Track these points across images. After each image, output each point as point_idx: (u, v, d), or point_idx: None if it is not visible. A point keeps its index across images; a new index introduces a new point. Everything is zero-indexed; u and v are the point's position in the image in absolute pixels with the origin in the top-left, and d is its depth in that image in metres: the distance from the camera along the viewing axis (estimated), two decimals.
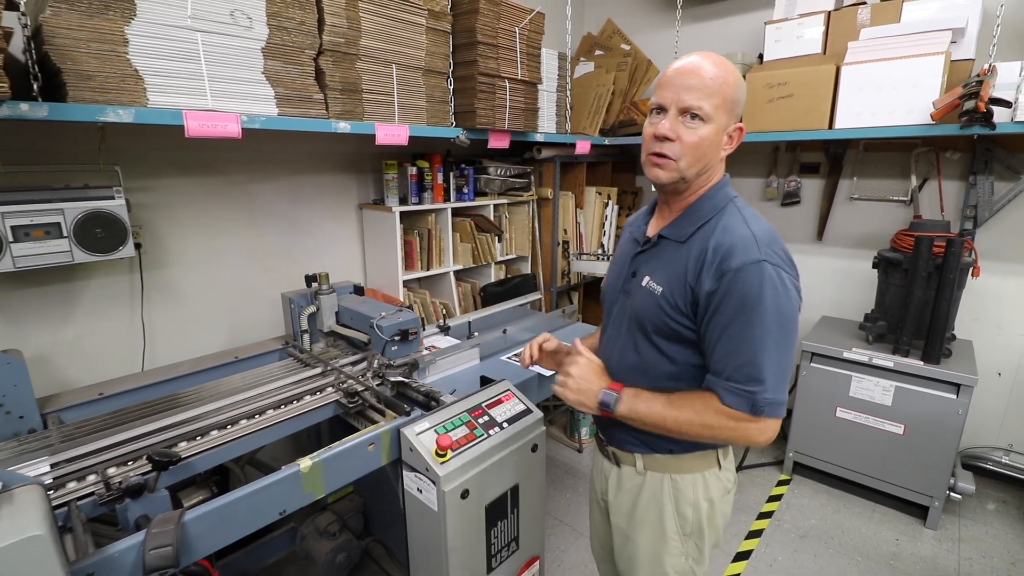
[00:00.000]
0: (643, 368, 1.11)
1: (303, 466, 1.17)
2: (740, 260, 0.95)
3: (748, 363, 0.95)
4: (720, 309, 0.97)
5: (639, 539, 1.21)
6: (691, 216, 1.07)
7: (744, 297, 0.94)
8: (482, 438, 1.37)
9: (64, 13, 1.27)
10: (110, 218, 1.61)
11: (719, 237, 1.00)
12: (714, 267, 0.97)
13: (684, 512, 1.16)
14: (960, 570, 2.17)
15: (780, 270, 0.96)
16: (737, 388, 0.96)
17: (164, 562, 0.94)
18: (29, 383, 1.42)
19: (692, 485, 1.14)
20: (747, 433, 0.98)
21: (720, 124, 0.99)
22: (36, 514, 0.78)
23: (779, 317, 0.94)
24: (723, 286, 0.96)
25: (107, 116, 1.35)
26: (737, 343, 0.96)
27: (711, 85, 0.97)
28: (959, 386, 2.23)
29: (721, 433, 0.99)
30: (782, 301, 0.94)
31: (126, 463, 1.19)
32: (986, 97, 1.95)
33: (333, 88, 1.80)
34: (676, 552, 1.18)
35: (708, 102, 0.97)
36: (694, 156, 1.00)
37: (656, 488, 1.16)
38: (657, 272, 1.08)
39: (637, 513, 1.20)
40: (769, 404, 0.95)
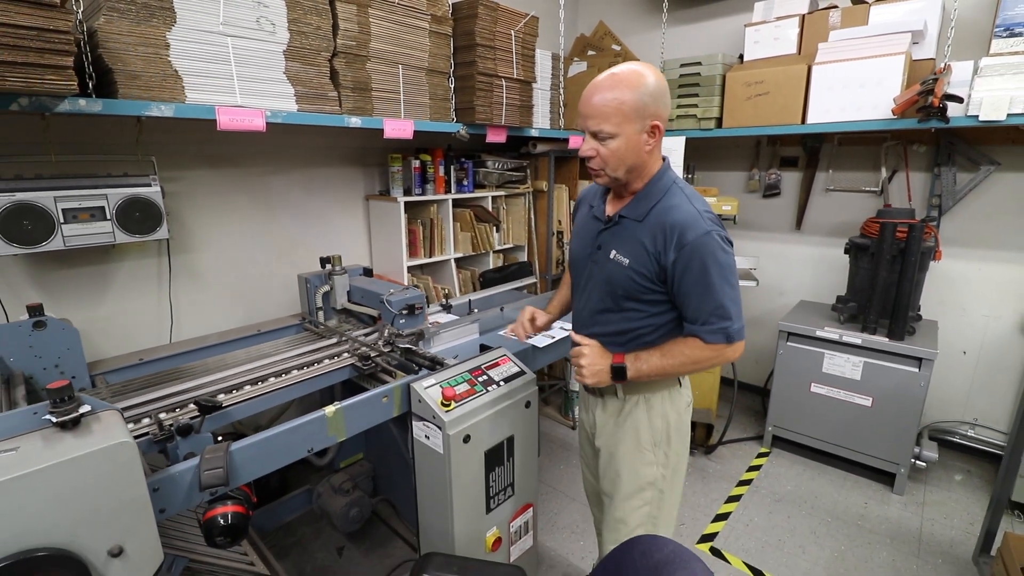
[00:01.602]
0: (632, 330, 1.37)
1: (328, 411, 1.35)
2: (695, 233, 1.21)
3: (716, 307, 1.23)
4: (686, 273, 1.24)
5: (620, 452, 1.47)
6: (643, 199, 1.31)
7: (702, 262, 1.22)
8: (481, 393, 1.55)
9: (116, 20, 1.46)
10: (147, 203, 1.80)
11: (673, 216, 1.24)
12: (674, 242, 1.23)
13: (655, 423, 1.43)
14: (923, 529, 2.36)
15: (720, 234, 1.24)
16: (713, 328, 1.24)
17: (216, 480, 1.13)
18: (81, 348, 1.61)
19: (660, 400, 1.43)
20: (726, 356, 1.27)
21: (629, 132, 1.21)
22: (122, 428, 0.97)
23: (726, 268, 1.23)
24: (683, 256, 1.23)
25: (151, 111, 1.54)
26: (704, 296, 1.24)
27: (604, 110, 1.19)
28: (921, 360, 2.42)
29: (708, 363, 1.28)
30: (725, 257, 1.23)
31: (173, 410, 1.38)
32: (940, 93, 2.14)
33: (346, 87, 1.99)
34: (650, 461, 1.45)
35: (607, 124, 1.20)
36: (616, 162, 1.25)
37: (632, 408, 1.44)
38: (622, 247, 1.33)
39: (619, 430, 1.47)
40: (737, 331, 1.25)
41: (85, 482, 0.90)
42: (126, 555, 0.95)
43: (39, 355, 1.54)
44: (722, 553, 2.21)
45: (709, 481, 2.70)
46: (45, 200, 1.61)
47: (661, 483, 1.46)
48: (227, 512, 1.16)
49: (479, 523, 1.59)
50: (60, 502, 0.88)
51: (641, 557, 0.92)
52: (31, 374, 1.53)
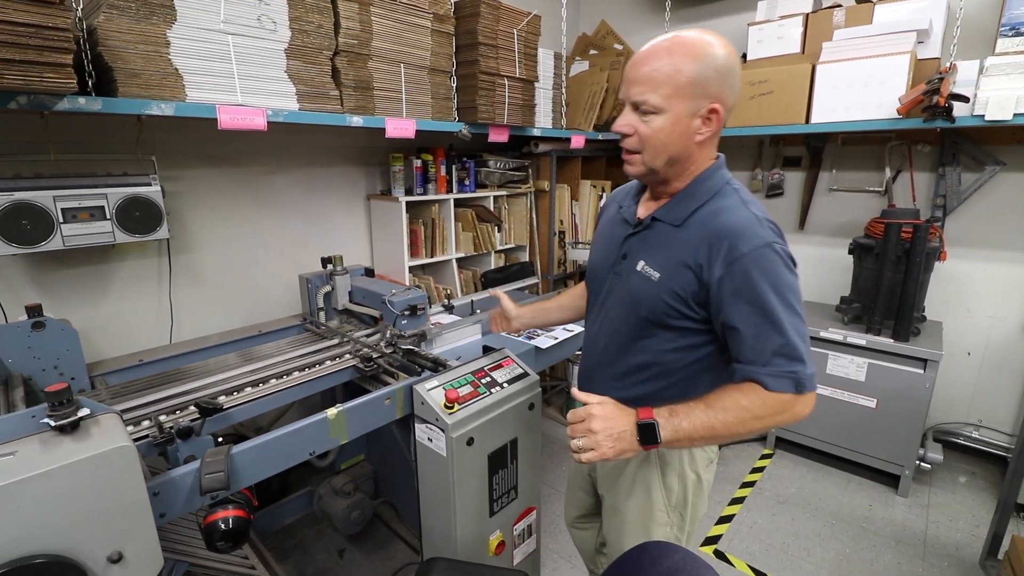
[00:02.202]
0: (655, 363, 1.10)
1: (330, 414, 1.34)
2: (751, 244, 0.95)
3: (783, 346, 0.95)
4: (736, 297, 0.96)
5: (627, 511, 1.24)
6: (686, 199, 1.05)
7: (760, 282, 0.94)
8: (484, 395, 1.54)
9: (116, 18, 1.44)
10: (147, 203, 1.78)
11: (723, 220, 0.98)
12: (722, 253, 0.96)
13: (671, 484, 1.18)
14: (928, 532, 2.34)
15: (784, 248, 0.97)
16: (780, 372, 0.95)
17: (217, 484, 1.11)
18: (80, 349, 1.59)
19: (679, 457, 1.17)
20: (795, 411, 0.97)
21: (678, 112, 0.97)
22: (122, 432, 0.95)
23: (793, 293, 0.96)
24: (735, 273, 0.95)
25: (151, 110, 1.52)
26: (764, 328, 0.95)
27: (658, 76, 0.95)
28: (926, 361, 2.40)
29: (772, 420, 0.97)
30: (791, 278, 0.96)
31: (174, 412, 1.36)
32: (946, 93, 2.13)
33: (348, 85, 1.97)
34: (663, 523, 1.21)
35: (656, 94, 0.96)
36: (655, 148, 1.00)
37: (643, 463, 1.19)
38: (653, 256, 1.07)
39: (623, 486, 1.23)
40: (809, 378, 0.97)
41: (84, 487, 0.88)
42: (126, 561, 0.93)
43: (38, 356, 1.52)
44: (726, 556, 2.20)
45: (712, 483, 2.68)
46: (44, 200, 1.60)
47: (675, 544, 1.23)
48: (228, 516, 1.14)
49: (482, 526, 1.57)
50: (58, 507, 0.86)
51: (651, 564, 0.90)
52: (30, 375, 1.51)
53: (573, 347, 2.16)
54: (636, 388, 1.09)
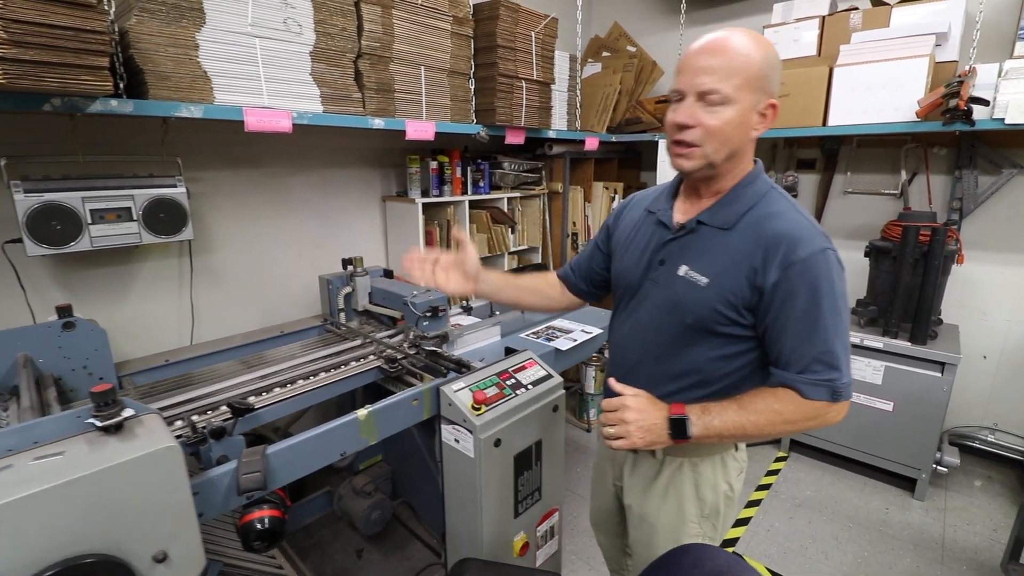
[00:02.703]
0: (696, 371, 1.08)
1: (360, 414, 1.34)
2: (807, 250, 0.94)
3: (824, 353, 0.95)
4: (789, 301, 0.95)
5: (657, 522, 1.21)
6: (733, 202, 1.03)
7: (814, 288, 0.94)
8: (510, 397, 1.54)
9: (147, 21, 1.46)
10: (173, 204, 1.79)
11: (778, 225, 0.97)
12: (778, 258, 0.95)
13: (704, 496, 1.17)
14: (945, 535, 2.34)
15: (837, 254, 0.97)
16: (816, 380, 0.95)
17: (255, 484, 1.12)
18: (109, 349, 1.60)
19: (712, 468, 1.16)
20: (827, 418, 0.98)
21: (746, 104, 0.94)
22: (165, 432, 0.96)
23: (843, 300, 0.96)
24: (790, 277, 0.94)
25: (181, 112, 1.53)
26: (809, 334, 0.95)
27: (730, 65, 0.93)
28: (944, 364, 2.40)
29: (803, 425, 0.99)
30: (843, 285, 0.96)
31: (205, 412, 1.37)
32: (966, 96, 2.13)
33: (370, 88, 1.98)
34: (695, 534, 1.20)
35: (728, 83, 0.93)
36: (719, 140, 0.96)
37: (675, 473, 1.17)
38: (699, 261, 1.04)
39: (654, 496, 1.21)
40: (845, 387, 0.97)
41: (131, 487, 0.89)
42: (170, 560, 0.94)
43: (68, 356, 1.53)
44: (744, 559, 2.20)
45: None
46: (73, 201, 1.61)
47: None
48: (264, 516, 1.15)
49: (507, 528, 1.57)
50: (107, 507, 0.87)
51: (692, 566, 0.90)
52: (60, 375, 1.52)
53: (591, 349, 2.17)
54: (674, 397, 1.05)
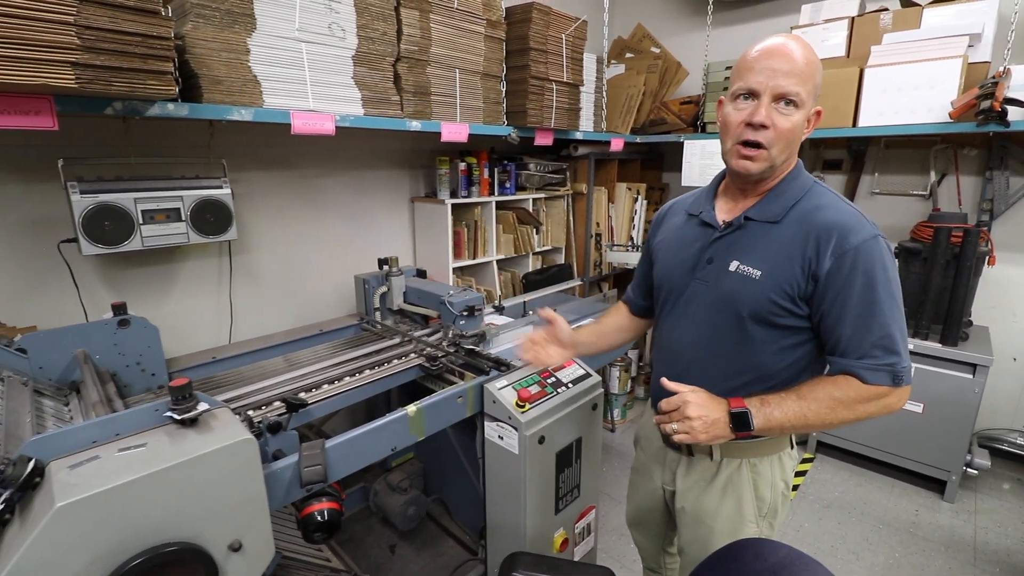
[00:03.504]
0: (753, 366, 1.09)
1: (410, 411, 1.38)
2: (859, 237, 0.97)
3: (883, 338, 0.97)
4: (845, 288, 0.97)
5: (715, 524, 1.21)
6: (779, 197, 1.06)
7: (869, 274, 0.96)
8: (552, 395, 1.57)
9: (202, 27, 1.50)
10: (219, 205, 1.84)
11: (828, 215, 1.00)
12: (831, 246, 0.97)
13: (763, 495, 1.18)
14: (976, 538, 2.33)
15: (887, 242, 1.00)
16: (877, 365, 0.97)
17: (316, 477, 1.15)
18: (160, 345, 1.65)
19: (770, 467, 1.17)
20: (888, 403, 0.99)
21: (808, 109, 1.00)
22: (239, 426, 1.00)
23: (897, 286, 0.99)
24: (844, 264, 0.97)
25: (232, 115, 1.57)
26: (867, 320, 0.97)
27: (806, 70, 0.97)
28: (975, 366, 2.39)
29: (864, 412, 1.00)
30: (895, 272, 0.99)
31: (259, 408, 1.41)
32: (1001, 97, 2.12)
33: (408, 91, 2.01)
34: (752, 532, 1.20)
35: (803, 87, 0.96)
36: (786, 143, 1.00)
37: (733, 474, 1.18)
38: (749, 256, 1.06)
39: (711, 500, 1.20)
40: (906, 371, 0.98)
41: (210, 478, 0.92)
42: (244, 550, 0.97)
43: (122, 353, 1.58)
44: None
45: None
46: (126, 201, 1.66)
47: None
48: (323, 508, 1.18)
49: (548, 523, 1.60)
50: (188, 498, 0.90)
51: (754, 559, 0.92)
52: (115, 371, 1.57)
53: (620, 350, 2.19)
54: (734, 394, 1.05)
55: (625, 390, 3.25)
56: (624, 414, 3.30)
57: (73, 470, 0.87)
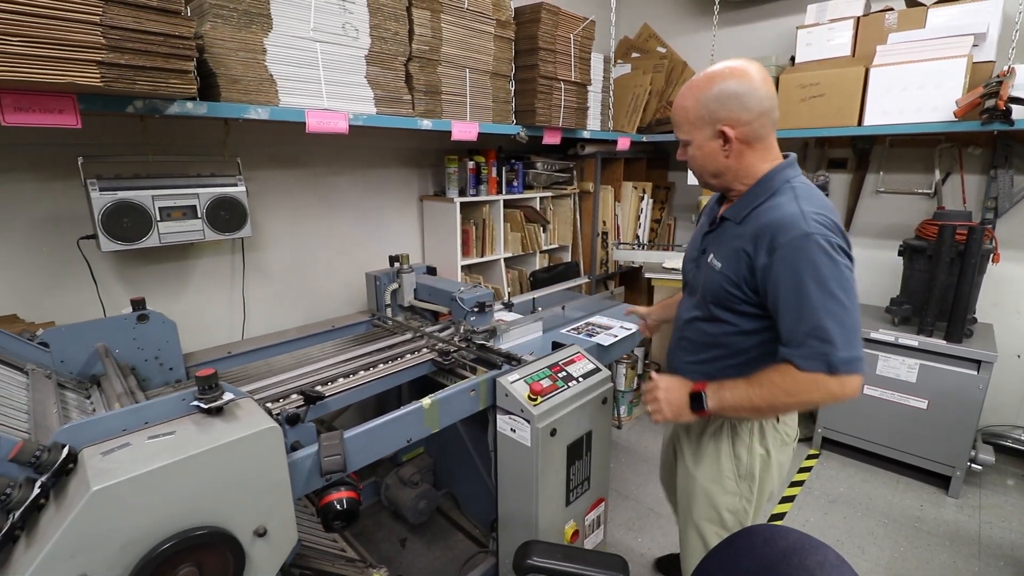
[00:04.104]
0: (720, 343, 1.30)
1: (425, 403, 1.40)
2: (789, 235, 1.08)
3: (814, 328, 1.06)
4: (777, 283, 1.10)
5: (698, 475, 1.41)
6: (746, 199, 1.22)
7: (796, 269, 1.07)
8: (563, 389, 1.59)
9: (220, 27, 1.53)
10: (234, 202, 1.87)
11: (770, 215, 1.13)
12: (766, 242, 1.11)
13: (740, 454, 1.34)
14: (981, 532, 2.35)
15: (828, 239, 1.07)
16: (811, 353, 1.06)
17: (336, 467, 1.18)
18: (178, 341, 1.68)
19: (748, 431, 1.33)
20: (830, 391, 1.07)
21: (699, 139, 1.21)
22: (264, 415, 1.03)
23: (830, 279, 1.06)
24: (775, 260, 1.10)
25: (249, 114, 1.60)
26: (799, 312, 1.07)
27: (678, 118, 1.24)
28: (980, 363, 2.41)
29: (805, 396, 1.10)
30: (831, 267, 1.06)
31: (277, 400, 1.44)
32: (1005, 96, 2.14)
33: (419, 90, 2.04)
34: (731, 490, 1.36)
35: (680, 132, 1.25)
36: (696, 167, 1.27)
37: (717, 430, 1.38)
38: (719, 249, 1.25)
39: (699, 451, 1.42)
40: (844, 361, 1.05)
41: (237, 465, 0.95)
42: (269, 535, 1.00)
43: (141, 347, 1.61)
44: None
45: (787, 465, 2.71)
46: (144, 199, 1.69)
47: (742, 515, 1.39)
48: (342, 497, 1.21)
49: (559, 515, 1.62)
50: (216, 484, 0.93)
51: (763, 544, 0.94)
52: (134, 365, 1.60)
53: (630, 345, 2.21)
54: (706, 366, 1.29)
55: (631, 387, 3.28)
56: (630, 411, 3.32)
57: (106, 456, 0.89)
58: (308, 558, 1.30)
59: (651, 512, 2.49)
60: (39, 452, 0.87)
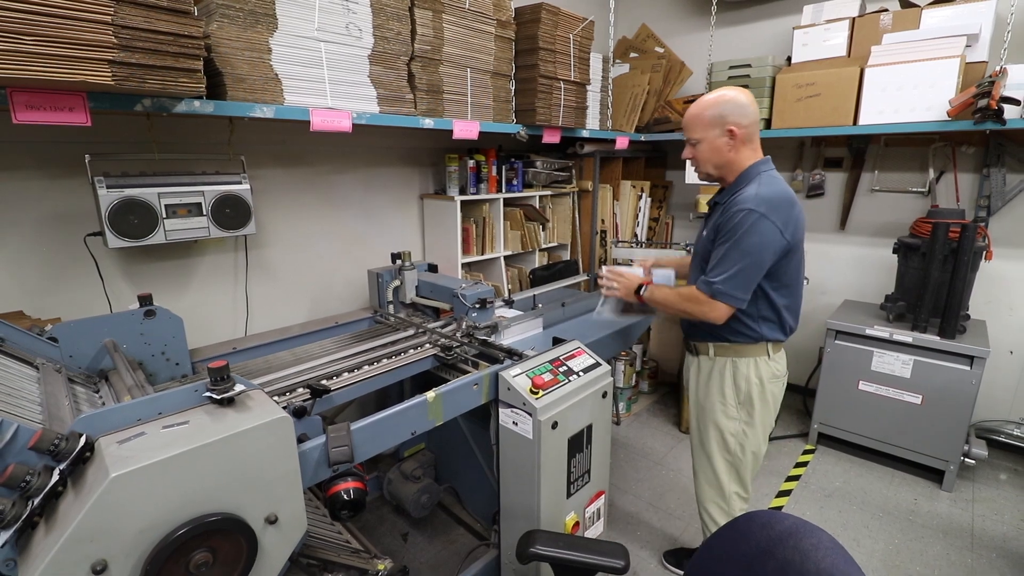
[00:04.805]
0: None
1: (429, 397, 1.43)
2: (742, 206, 1.49)
3: (716, 265, 1.54)
4: (720, 233, 1.55)
5: (706, 404, 1.79)
6: (732, 188, 1.62)
7: (732, 228, 1.51)
8: (564, 383, 1.62)
9: (227, 26, 1.55)
10: (238, 200, 1.89)
11: (740, 196, 1.54)
12: (727, 209, 1.55)
13: (739, 384, 1.71)
14: (974, 525, 2.39)
15: (764, 218, 1.47)
16: (705, 280, 1.56)
17: (343, 457, 1.20)
18: (184, 336, 1.70)
19: (746, 364, 1.69)
20: (702, 308, 1.57)
21: (710, 137, 1.57)
22: (274, 405, 1.05)
23: (751, 246, 1.48)
24: (725, 219, 1.54)
25: (255, 112, 1.63)
26: (717, 254, 1.55)
27: (690, 122, 1.60)
28: (972, 358, 2.45)
29: (689, 306, 1.60)
30: (754, 237, 1.48)
31: (283, 394, 1.46)
32: (997, 96, 2.18)
33: (421, 89, 2.07)
34: (733, 415, 1.74)
35: (692, 133, 1.61)
36: (702, 161, 1.63)
37: (721, 367, 1.74)
38: (708, 225, 1.68)
39: (707, 387, 1.78)
40: (719, 292, 1.53)
41: (249, 454, 0.98)
42: (280, 523, 1.03)
43: (148, 342, 1.63)
44: None
45: (758, 476, 2.74)
46: (150, 196, 1.71)
47: (742, 437, 1.74)
48: (349, 488, 1.24)
49: (560, 507, 1.65)
50: (229, 472, 0.96)
51: (761, 529, 0.97)
52: (141, 360, 1.62)
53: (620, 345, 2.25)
54: None
55: (630, 384, 3.31)
56: (629, 408, 3.36)
57: (122, 445, 0.92)
58: (314, 548, 1.32)
59: (650, 506, 2.52)
60: (57, 440, 0.90)
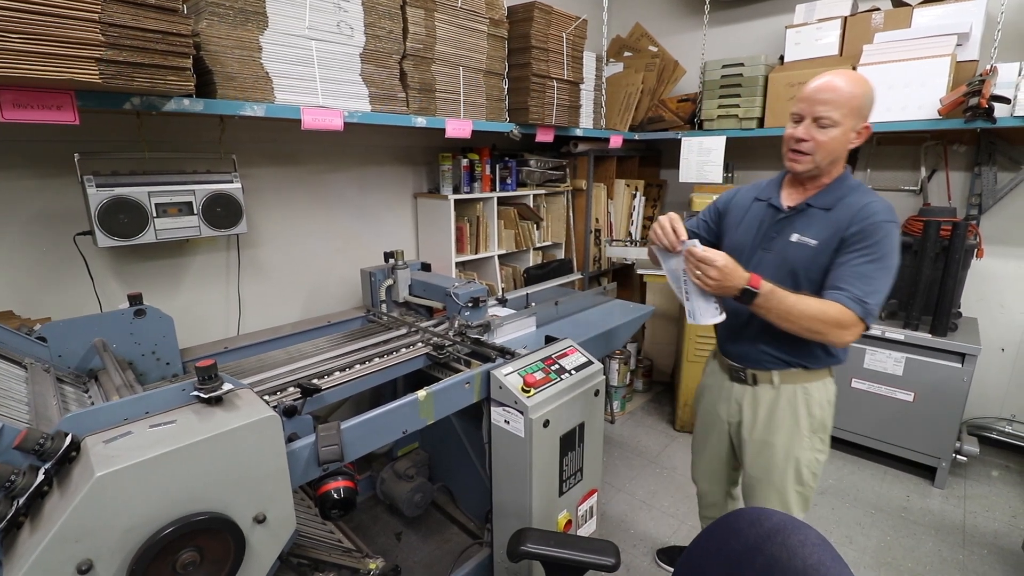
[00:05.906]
0: None
1: (421, 395, 1.43)
2: (882, 217, 1.32)
3: (866, 283, 1.30)
4: (857, 244, 1.33)
5: (776, 442, 1.56)
6: (834, 192, 1.42)
7: (878, 242, 1.31)
8: (556, 381, 1.62)
9: (216, 24, 1.54)
10: (229, 199, 1.88)
11: (864, 200, 1.36)
12: (860, 217, 1.33)
13: (814, 412, 1.53)
14: (966, 521, 2.40)
15: (897, 228, 1.35)
16: (858, 298, 1.29)
17: (333, 456, 1.20)
18: (175, 335, 1.69)
19: (818, 390, 1.52)
20: (850, 328, 1.29)
21: (847, 126, 1.33)
22: (262, 404, 1.05)
23: (893, 260, 1.32)
24: (865, 228, 1.32)
25: (245, 111, 1.62)
26: (865, 270, 1.31)
27: (839, 99, 1.32)
28: (964, 355, 2.46)
29: (833, 326, 1.29)
30: (896, 253, 1.33)
31: (274, 393, 1.46)
32: (987, 94, 2.19)
33: (413, 88, 2.06)
34: (807, 447, 1.55)
35: (836, 112, 1.32)
36: (826, 152, 1.36)
37: (791, 397, 1.53)
38: (808, 230, 1.43)
39: (774, 421, 1.56)
40: (871, 315, 1.29)
41: (236, 453, 0.97)
42: (268, 522, 1.03)
43: (138, 342, 1.62)
44: None
45: None
46: (140, 195, 1.70)
47: (816, 466, 1.57)
48: (339, 487, 1.24)
49: (553, 505, 1.66)
50: (216, 471, 0.95)
51: (749, 526, 0.98)
52: (131, 360, 1.61)
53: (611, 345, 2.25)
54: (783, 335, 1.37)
55: (624, 382, 3.31)
56: (623, 406, 3.36)
57: (108, 444, 0.91)
58: (305, 548, 1.32)
59: (644, 504, 2.53)
60: (43, 440, 0.89)
